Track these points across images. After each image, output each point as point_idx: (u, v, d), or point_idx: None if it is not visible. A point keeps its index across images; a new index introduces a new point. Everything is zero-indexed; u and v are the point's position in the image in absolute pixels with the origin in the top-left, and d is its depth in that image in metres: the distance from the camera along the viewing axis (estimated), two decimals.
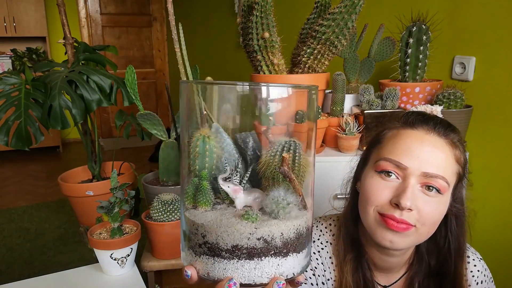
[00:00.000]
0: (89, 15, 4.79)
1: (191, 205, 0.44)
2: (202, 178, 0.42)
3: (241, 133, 0.45)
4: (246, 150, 0.46)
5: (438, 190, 0.63)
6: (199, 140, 0.43)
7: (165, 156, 1.42)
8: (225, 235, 0.39)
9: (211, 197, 0.43)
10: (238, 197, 0.43)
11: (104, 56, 2.09)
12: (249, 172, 0.44)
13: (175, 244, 1.29)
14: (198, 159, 0.43)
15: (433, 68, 1.46)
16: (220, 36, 3.58)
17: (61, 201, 3.12)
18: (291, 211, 0.42)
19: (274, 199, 0.41)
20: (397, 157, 0.64)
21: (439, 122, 0.67)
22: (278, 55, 1.36)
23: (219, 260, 0.40)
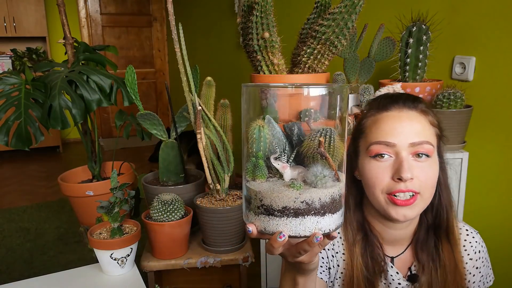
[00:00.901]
0: (89, 15, 4.79)
1: (251, 178, 0.57)
2: (258, 158, 0.56)
3: (288, 123, 0.58)
4: (292, 137, 0.59)
5: (427, 154, 0.72)
6: (256, 128, 0.56)
7: (165, 156, 1.42)
8: (277, 199, 0.52)
9: (265, 171, 0.56)
10: (286, 172, 0.55)
11: (104, 56, 2.09)
12: (294, 153, 0.57)
13: (175, 244, 1.29)
14: (255, 143, 0.56)
15: (433, 68, 1.46)
16: (220, 36, 3.58)
17: (61, 201, 3.12)
18: (326, 182, 0.54)
19: (314, 173, 0.54)
20: (384, 138, 0.72)
21: (406, 98, 0.76)
22: (278, 55, 1.36)
23: (273, 218, 0.53)
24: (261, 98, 1.08)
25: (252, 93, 0.58)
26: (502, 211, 1.36)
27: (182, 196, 1.31)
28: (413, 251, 0.82)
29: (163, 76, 5.28)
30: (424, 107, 0.76)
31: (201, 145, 1.22)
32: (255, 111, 0.58)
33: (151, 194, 1.36)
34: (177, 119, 1.46)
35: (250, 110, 0.58)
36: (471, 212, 1.42)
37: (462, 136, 1.34)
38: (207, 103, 1.27)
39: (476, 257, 0.84)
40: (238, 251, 1.34)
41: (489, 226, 1.41)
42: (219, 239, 1.31)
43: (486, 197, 1.40)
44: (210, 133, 1.23)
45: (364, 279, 0.79)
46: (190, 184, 1.41)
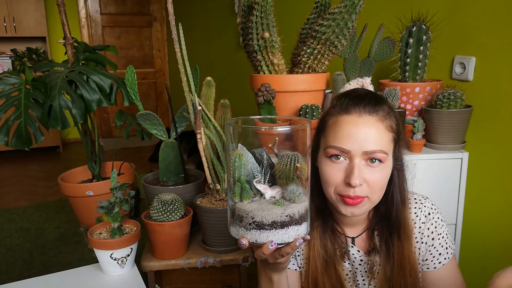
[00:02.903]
0: (89, 15, 4.79)
1: (238, 199, 0.67)
2: (242, 182, 0.67)
3: (256, 149, 0.70)
4: (263, 160, 0.70)
5: (380, 160, 0.77)
6: (236, 157, 0.67)
7: (165, 156, 1.42)
8: (267, 216, 0.63)
9: (251, 193, 0.67)
10: (267, 192, 0.67)
11: (104, 56, 2.09)
12: (269, 175, 0.69)
13: (175, 244, 1.29)
14: (237, 170, 0.67)
15: (433, 68, 1.46)
16: (220, 36, 3.58)
17: (61, 201, 3.12)
18: (301, 197, 0.66)
19: (291, 191, 0.66)
20: (340, 143, 0.77)
21: (368, 102, 0.79)
22: (278, 55, 1.36)
23: (263, 231, 0.64)
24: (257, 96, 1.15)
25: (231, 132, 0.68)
26: (502, 211, 1.36)
27: (182, 196, 1.31)
28: (368, 235, 0.89)
29: (163, 76, 5.28)
30: (385, 111, 0.79)
31: (201, 145, 1.22)
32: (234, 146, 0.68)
33: (151, 194, 1.36)
34: (177, 119, 1.46)
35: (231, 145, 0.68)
36: (471, 212, 1.42)
37: (462, 136, 1.34)
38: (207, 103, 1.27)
39: (427, 220, 0.90)
40: (238, 251, 1.34)
41: (489, 226, 1.41)
42: (219, 239, 1.31)
43: (486, 197, 1.40)
44: (210, 133, 1.23)
45: (323, 261, 0.87)
46: (190, 184, 1.41)
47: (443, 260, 0.90)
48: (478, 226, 1.44)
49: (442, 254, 0.90)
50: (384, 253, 0.86)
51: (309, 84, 1.38)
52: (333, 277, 0.87)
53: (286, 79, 1.38)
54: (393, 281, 0.86)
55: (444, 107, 1.28)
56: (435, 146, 1.34)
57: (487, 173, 1.39)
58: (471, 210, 1.42)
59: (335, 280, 0.87)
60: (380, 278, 0.87)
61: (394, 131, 0.80)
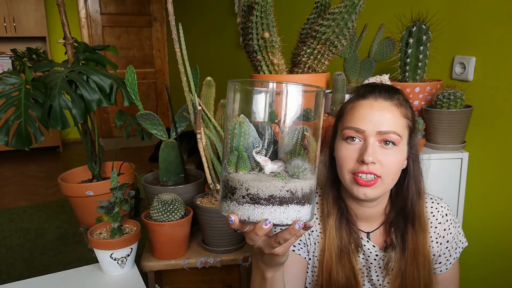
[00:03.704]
0: (89, 15, 4.79)
1: (233, 169, 0.59)
2: (240, 151, 0.59)
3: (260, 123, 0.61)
4: (265, 135, 0.62)
5: (393, 142, 0.78)
6: (236, 124, 0.58)
7: (165, 156, 1.42)
8: (264, 187, 0.55)
9: (248, 164, 0.59)
10: (267, 165, 0.59)
11: (104, 56, 2.09)
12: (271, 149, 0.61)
13: (175, 244, 1.29)
14: (235, 138, 0.59)
15: (433, 68, 1.46)
16: (220, 36, 3.58)
17: (61, 201, 3.12)
18: (307, 174, 0.58)
19: (295, 165, 0.58)
20: (355, 124, 0.80)
21: (383, 89, 0.83)
22: (278, 55, 1.36)
23: (258, 206, 0.55)
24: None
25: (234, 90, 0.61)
26: (502, 211, 1.36)
27: (182, 196, 1.31)
28: (385, 229, 0.89)
29: (163, 76, 5.28)
30: (401, 100, 0.82)
31: (201, 145, 1.22)
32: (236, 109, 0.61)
33: (151, 194, 1.36)
34: (177, 119, 1.46)
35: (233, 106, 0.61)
36: (471, 212, 1.42)
37: (462, 136, 1.34)
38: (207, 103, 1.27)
39: (444, 220, 0.91)
40: (238, 251, 1.34)
41: (489, 226, 1.41)
42: (219, 239, 1.31)
43: (486, 197, 1.40)
44: (210, 133, 1.23)
45: (338, 250, 0.86)
46: (190, 184, 1.41)
47: (452, 260, 0.92)
48: (478, 226, 1.44)
49: (452, 255, 0.92)
50: (400, 247, 0.86)
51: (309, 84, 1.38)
52: (346, 267, 0.87)
53: (286, 79, 1.38)
54: (406, 273, 0.86)
55: (444, 107, 1.28)
56: (435, 146, 1.34)
57: (487, 173, 1.39)
58: (471, 210, 1.42)
59: (349, 270, 0.87)
60: (394, 273, 0.87)
61: (409, 118, 0.82)
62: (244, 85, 0.61)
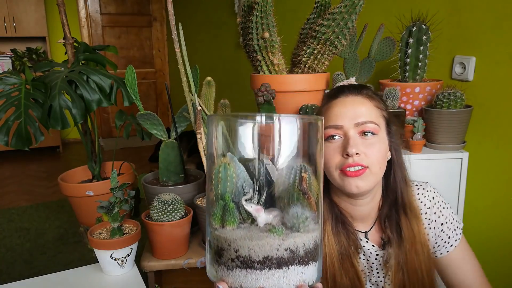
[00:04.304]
0: (89, 15, 4.79)
1: (219, 224, 0.48)
2: (226, 201, 0.48)
3: (251, 161, 0.50)
4: (259, 176, 0.50)
5: (372, 132, 0.80)
6: (221, 167, 0.48)
7: (165, 156, 1.42)
8: (256, 247, 0.44)
9: (237, 216, 0.48)
10: (260, 215, 0.48)
11: (104, 56, 2.09)
12: (265, 193, 0.49)
13: (175, 244, 1.29)
14: (220, 184, 0.48)
15: (433, 68, 1.46)
16: (220, 36, 3.58)
17: (61, 201, 3.12)
18: (309, 225, 0.47)
19: (294, 214, 0.47)
20: (333, 122, 0.83)
21: (352, 87, 0.87)
22: (278, 55, 1.36)
23: (251, 271, 0.45)
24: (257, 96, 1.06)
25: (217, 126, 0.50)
26: (502, 211, 1.36)
27: (182, 196, 1.31)
28: (380, 226, 0.90)
29: (163, 76, 5.28)
30: (370, 93, 0.86)
31: (201, 145, 1.22)
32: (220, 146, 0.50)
33: (151, 194, 1.36)
34: (177, 119, 1.46)
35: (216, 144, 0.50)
36: (471, 212, 1.42)
37: (462, 136, 1.34)
38: (207, 103, 1.27)
39: (431, 204, 0.92)
40: None
41: (489, 226, 1.41)
42: None
43: (486, 197, 1.40)
44: None
45: (338, 255, 0.86)
46: (190, 184, 1.41)
47: (454, 242, 0.92)
48: (478, 226, 1.44)
49: (451, 237, 0.92)
50: (396, 240, 0.86)
51: (309, 84, 1.38)
52: (350, 272, 0.86)
53: (286, 79, 1.38)
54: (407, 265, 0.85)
55: (444, 107, 1.28)
56: (435, 146, 1.34)
57: (487, 173, 1.39)
58: (471, 210, 1.42)
59: (352, 274, 0.86)
60: (394, 269, 0.87)
61: (383, 109, 0.86)
62: (228, 119, 0.51)
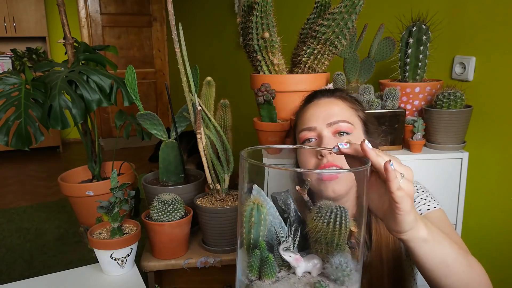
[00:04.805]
0: (89, 15, 4.79)
1: (255, 276, 0.43)
2: (262, 250, 0.43)
3: (278, 192, 0.45)
4: (289, 212, 0.45)
5: (346, 132, 0.80)
6: (254, 209, 0.42)
7: (165, 156, 1.42)
8: None
9: (276, 269, 0.43)
10: (300, 265, 0.43)
11: (104, 56, 2.09)
12: (298, 236, 0.44)
13: (175, 244, 1.29)
14: (253, 228, 0.42)
15: (433, 68, 1.46)
16: (220, 36, 3.58)
17: (61, 201, 3.12)
18: (353, 277, 0.43)
19: (339, 266, 0.42)
20: (306, 124, 0.83)
21: (324, 90, 0.89)
22: (278, 55, 1.36)
23: None
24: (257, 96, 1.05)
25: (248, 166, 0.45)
26: (502, 211, 1.36)
27: (182, 196, 1.31)
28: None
29: (163, 76, 5.28)
30: (343, 94, 0.87)
31: (201, 145, 1.22)
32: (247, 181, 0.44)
33: (151, 194, 1.36)
34: (177, 119, 1.46)
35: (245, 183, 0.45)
36: (471, 212, 1.42)
37: (462, 136, 1.34)
38: (207, 103, 1.27)
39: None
40: None
41: (489, 226, 1.41)
42: (219, 239, 1.31)
43: (486, 197, 1.40)
44: (210, 133, 1.23)
45: None
46: (190, 184, 1.41)
47: (424, 210, 0.85)
48: (478, 226, 1.44)
49: (421, 206, 0.86)
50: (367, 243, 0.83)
51: (309, 84, 1.38)
52: None
53: (286, 79, 1.38)
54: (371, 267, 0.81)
55: (444, 107, 1.28)
56: (435, 146, 1.34)
57: (487, 173, 1.39)
58: (471, 210, 1.42)
59: None
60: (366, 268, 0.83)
61: (358, 109, 0.86)
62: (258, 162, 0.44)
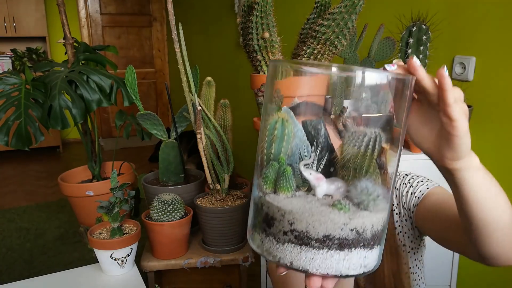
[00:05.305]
0: (89, 15, 4.79)
1: (270, 189, 0.41)
2: (282, 163, 0.40)
3: (310, 120, 0.43)
4: (318, 137, 0.43)
5: None
6: (278, 123, 0.40)
7: (165, 156, 1.42)
8: (317, 224, 0.38)
9: (293, 183, 0.41)
10: (321, 185, 0.41)
11: (104, 56, 2.09)
12: (325, 159, 0.42)
13: (175, 244, 1.29)
14: (275, 142, 0.41)
15: (433, 68, 1.46)
16: (220, 36, 3.58)
17: (61, 201, 3.12)
18: (380, 204, 0.40)
19: (364, 190, 0.39)
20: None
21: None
22: (278, 55, 1.36)
23: (307, 249, 0.38)
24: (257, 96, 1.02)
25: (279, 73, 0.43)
26: None
27: (182, 196, 1.31)
28: None
29: (163, 76, 5.28)
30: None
31: (201, 145, 1.22)
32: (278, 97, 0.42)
33: (151, 194, 1.36)
34: (177, 119, 1.46)
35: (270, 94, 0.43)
36: None
37: None
38: (207, 103, 1.27)
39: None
40: (238, 251, 1.34)
41: None
42: (219, 239, 1.31)
43: None
44: (210, 133, 1.23)
45: None
46: (190, 184, 1.41)
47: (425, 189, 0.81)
48: None
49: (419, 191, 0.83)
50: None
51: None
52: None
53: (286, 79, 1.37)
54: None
55: None
56: None
57: None
58: None
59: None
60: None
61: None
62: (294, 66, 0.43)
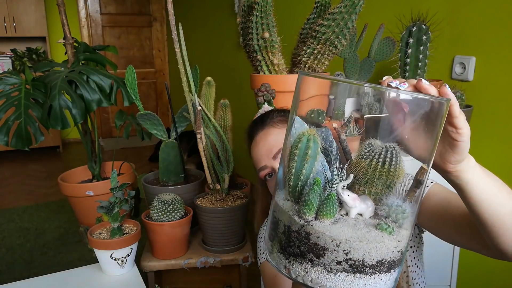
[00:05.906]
0: (89, 15, 4.79)
1: (311, 216, 0.38)
2: (318, 185, 0.38)
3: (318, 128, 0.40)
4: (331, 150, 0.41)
5: None
6: (310, 141, 0.37)
7: (165, 156, 1.42)
8: (373, 251, 0.37)
9: (337, 208, 0.38)
10: (356, 206, 0.39)
11: (104, 56, 2.09)
12: (351, 178, 0.40)
13: (175, 244, 1.29)
14: (308, 163, 0.38)
15: (433, 68, 1.46)
16: (220, 36, 3.58)
17: (61, 201, 3.12)
18: (407, 219, 0.39)
19: (393, 207, 0.38)
20: (258, 165, 0.88)
21: (255, 124, 0.92)
22: (278, 55, 1.36)
23: (360, 276, 0.38)
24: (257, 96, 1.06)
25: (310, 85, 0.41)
26: None
27: (182, 196, 1.31)
28: None
29: (163, 76, 5.28)
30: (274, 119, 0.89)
31: (201, 145, 1.22)
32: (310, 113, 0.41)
33: (151, 194, 1.36)
34: (177, 119, 1.46)
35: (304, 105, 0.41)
36: None
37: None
38: (207, 103, 1.27)
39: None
40: (238, 251, 1.34)
41: None
42: (219, 239, 1.31)
43: None
44: (210, 133, 1.23)
45: None
46: (190, 184, 1.41)
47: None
48: None
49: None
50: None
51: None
52: None
53: (286, 79, 1.37)
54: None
55: None
56: None
57: None
58: None
59: None
60: None
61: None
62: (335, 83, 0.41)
